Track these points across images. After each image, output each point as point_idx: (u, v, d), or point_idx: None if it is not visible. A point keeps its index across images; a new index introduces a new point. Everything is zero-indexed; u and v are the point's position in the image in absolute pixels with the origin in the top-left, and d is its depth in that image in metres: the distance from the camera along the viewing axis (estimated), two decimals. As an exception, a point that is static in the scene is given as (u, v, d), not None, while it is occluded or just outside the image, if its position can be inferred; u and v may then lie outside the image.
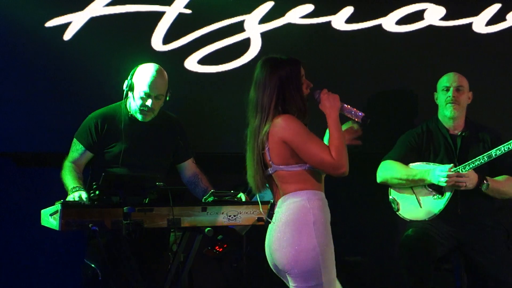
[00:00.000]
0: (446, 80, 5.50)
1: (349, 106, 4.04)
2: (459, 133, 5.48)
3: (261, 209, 4.40)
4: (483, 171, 5.28)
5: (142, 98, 5.00)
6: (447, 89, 5.48)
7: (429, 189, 5.39)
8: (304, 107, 3.90)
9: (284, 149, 3.85)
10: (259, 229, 4.79)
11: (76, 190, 4.72)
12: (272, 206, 3.99)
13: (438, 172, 5.23)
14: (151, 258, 4.99)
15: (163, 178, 5.10)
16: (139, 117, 5.04)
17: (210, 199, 4.70)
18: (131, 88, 5.03)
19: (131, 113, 5.07)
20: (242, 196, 4.89)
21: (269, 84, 3.90)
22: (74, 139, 5.10)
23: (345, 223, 6.01)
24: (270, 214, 3.97)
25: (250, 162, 3.99)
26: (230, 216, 4.68)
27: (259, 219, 4.75)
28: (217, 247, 5.44)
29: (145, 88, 4.98)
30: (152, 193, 4.55)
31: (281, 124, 3.83)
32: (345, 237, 5.97)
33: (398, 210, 5.42)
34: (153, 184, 4.55)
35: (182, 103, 5.76)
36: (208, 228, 4.61)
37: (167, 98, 5.09)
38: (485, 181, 5.25)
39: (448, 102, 5.46)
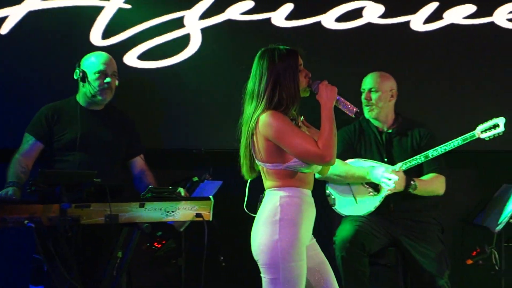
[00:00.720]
0: (362, 83, 5.59)
1: (344, 100, 4.04)
2: (387, 130, 5.58)
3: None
4: (411, 172, 5.39)
5: (99, 78, 5.12)
6: (362, 92, 5.58)
7: (366, 185, 5.46)
8: (298, 98, 3.92)
9: (265, 146, 3.89)
10: (197, 225, 4.80)
11: (9, 186, 4.68)
12: (260, 199, 4.05)
13: (381, 173, 5.31)
14: (91, 255, 4.96)
15: (118, 171, 5.11)
16: (99, 98, 5.14)
17: (148, 195, 4.68)
18: (83, 76, 5.06)
19: (89, 100, 5.16)
20: (181, 191, 4.88)
21: (266, 74, 3.92)
22: (25, 133, 5.11)
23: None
24: (259, 205, 4.05)
25: (242, 149, 4.06)
26: (168, 212, 4.67)
27: (198, 215, 4.75)
28: (156, 243, 5.42)
29: (101, 67, 5.13)
30: (90, 189, 4.52)
31: (265, 121, 3.86)
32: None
33: (334, 205, 5.49)
34: (90, 180, 4.52)
35: (121, 98, 5.73)
36: (146, 224, 4.59)
37: (117, 83, 5.14)
38: (412, 182, 5.34)
39: (364, 104, 5.55)
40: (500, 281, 5.61)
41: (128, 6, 5.79)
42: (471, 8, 5.99)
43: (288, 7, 5.91)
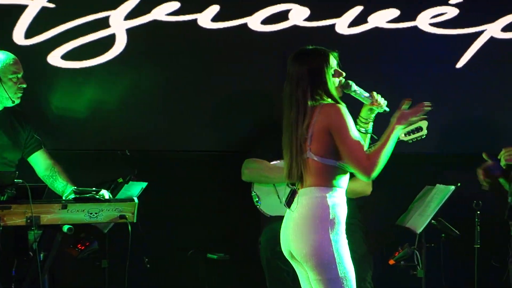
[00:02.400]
0: None
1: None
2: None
3: None
4: None
5: (15, 81, 4.96)
6: None
7: (291, 186, 5.47)
8: (334, 97, 3.96)
9: (325, 139, 3.90)
10: (121, 227, 4.77)
11: None
12: (294, 193, 4.03)
13: None
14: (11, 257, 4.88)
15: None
16: (16, 101, 4.97)
17: (71, 196, 4.63)
18: None
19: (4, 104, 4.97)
20: (105, 193, 4.84)
21: (300, 77, 3.95)
22: None
23: (210, 220, 6.06)
24: (290, 200, 4.03)
25: (287, 153, 4.05)
26: (91, 213, 4.62)
27: (122, 217, 4.71)
28: (79, 245, 5.36)
29: (16, 70, 4.96)
30: (10, 190, 4.44)
31: (337, 111, 3.88)
32: (210, 234, 6.01)
33: (260, 205, 5.51)
34: (11, 180, 4.44)
35: (44, 98, 5.66)
36: (69, 226, 4.54)
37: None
38: None
39: None
40: (421, 281, 5.70)
41: (52, 5, 5.72)
42: (395, 12, 6.08)
43: (214, 9, 5.91)
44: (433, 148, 6.06)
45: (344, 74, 4.10)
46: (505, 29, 6.13)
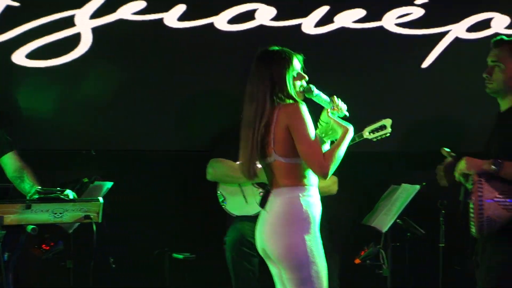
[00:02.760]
0: None
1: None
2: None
3: None
4: None
5: None
6: None
7: (256, 185, 5.49)
8: (294, 98, 4.01)
9: (287, 139, 3.94)
10: (86, 227, 4.74)
11: None
12: (267, 194, 4.06)
13: None
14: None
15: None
16: None
17: (35, 196, 4.60)
18: None
19: None
20: (70, 193, 4.81)
21: (262, 77, 4.01)
22: None
23: (176, 219, 6.05)
24: (263, 201, 4.07)
25: (244, 151, 4.08)
26: (56, 213, 4.59)
27: (86, 217, 4.68)
28: (44, 245, 5.33)
29: None
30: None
31: (288, 111, 3.94)
32: (175, 234, 6.00)
33: (225, 205, 5.51)
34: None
35: (9, 97, 5.62)
36: (33, 226, 4.50)
37: None
38: None
39: None
40: (386, 280, 5.73)
41: (17, 4, 5.68)
42: (361, 13, 6.11)
43: (181, 8, 5.90)
44: (398, 147, 6.10)
45: (306, 78, 4.13)
46: (470, 29, 6.18)
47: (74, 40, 5.77)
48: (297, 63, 4.09)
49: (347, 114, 4.19)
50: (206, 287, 6.07)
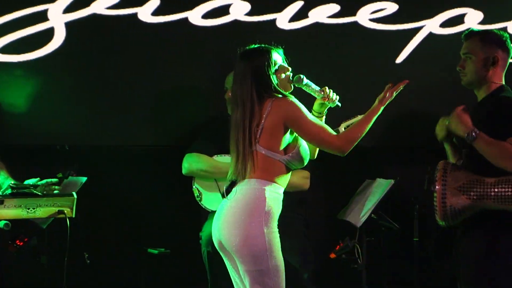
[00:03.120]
0: (226, 82, 5.63)
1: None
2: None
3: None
4: None
5: None
6: (226, 90, 5.63)
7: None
8: (281, 92, 4.05)
9: (276, 133, 4.00)
10: (60, 222, 4.72)
11: None
12: (233, 183, 4.08)
13: None
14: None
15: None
16: None
17: (8, 191, 4.57)
18: None
19: None
20: (44, 188, 4.78)
21: (243, 76, 4.06)
22: None
23: (151, 214, 6.04)
24: (227, 192, 4.09)
25: (233, 151, 4.09)
26: (29, 209, 4.56)
27: (60, 212, 4.66)
28: (18, 241, 5.30)
29: None
30: None
31: (282, 106, 3.99)
32: (151, 229, 5.99)
33: (200, 200, 5.51)
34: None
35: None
36: (6, 222, 4.48)
37: None
38: None
39: (228, 102, 5.60)
40: (361, 274, 5.75)
41: (-11, -2, 5.65)
42: (335, 8, 6.11)
43: (155, 3, 5.88)
44: (373, 141, 6.09)
45: (290, 69, 4.16)
46: (444, 25, 6.20)
47: (48, 34, 5.73)
48: (277, 56, 4.13)
49: (339, 104, 4.22)
50: (181, 282, 6.07)
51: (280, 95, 4.05)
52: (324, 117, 4.32)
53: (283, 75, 4.14)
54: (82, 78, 5.85)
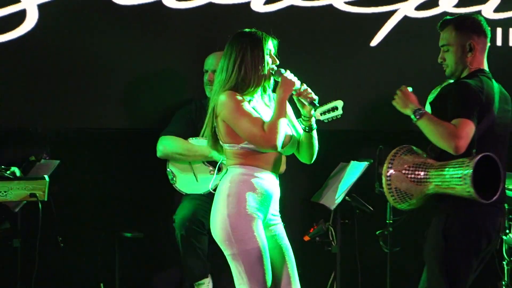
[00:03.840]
0: (204, 64, 5.62)
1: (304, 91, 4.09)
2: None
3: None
4: None
5: None
6: (205, 73, 5.61)
7: (207, 164, 5.49)
8: (258, 82, 4.01)
9: (223, 127, 3.99)
10: (34, 205, 4.71)
11: None
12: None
13: None
14: None
15: None
16: None
17: (-21, 175, 4.56)
18: None
19: None
20: (16, 171, 4.77)
21: (231, 56, 4.00)
22: None
23: (125, 197, 6.02)
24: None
25: (206, 128, 4.11)
26: (0, 192, 4.55)
27: (32, 195, 4.65)
28: (-10, 225, 5.29)
29: None
30: None
31: (221, 102, 3.97)
32: (124, 212, 5.97)
33: (175, 183, 5.51)
34: None
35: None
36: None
37: None
38: None
39: (206, 84, 5.59)
40: (335, 256, 5.77)
41: (-40, -20, 5.59)
42: (310, -10, 6.11)
43: (128, -15, 5.85)
44: (348, 125, 6.11)
45: (277, 62, 4.12)
46: (419, 8, 6.21)
47: (20, 16, 5.67)
48: (270, 45, 4.12)
49: (317, 104, 4.14)
50: (155, 266, 6.06)
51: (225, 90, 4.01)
52: (313, 118, 4.22)
53: (270, 65, 4.08)
54: (55, 60, 5.80)
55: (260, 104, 4.09)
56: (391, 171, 4.02)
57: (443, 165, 3.94)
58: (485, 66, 4.19)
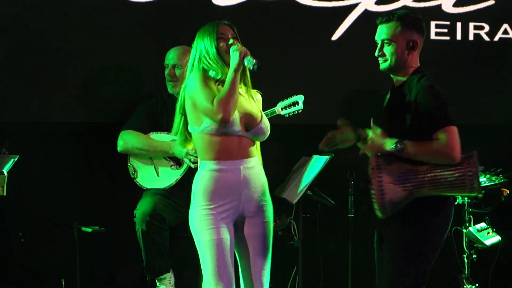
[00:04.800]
0: (165, 59, 5.59)
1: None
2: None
3: None
4: None
5: None
6: (166, 67, 5.59)
7: (168, 159, 5.47)
8: (217, 64, 4.15)
9: (190, 108, 4.13)
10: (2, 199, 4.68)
11: None
12: None
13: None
14: None
15: None
16: None
17: None
18: None
19: None
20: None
21: (192, 53, 4.23)
22: None
23: (85, 192, 5.98)
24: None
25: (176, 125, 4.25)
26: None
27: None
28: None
29: None
30: None
31: (188, 82, 4.15)
32: (85, 207, 5.93)
33: (136, 177, 5.48)
34: None
35: None
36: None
37: None
38: None
39: (167, 80, 5.57)
40: (298, 251, 5.78)
41: None
42: (271, -16, 6.11)
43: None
44: (309, 119, 6.12)
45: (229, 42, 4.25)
46: (379, 2, 6.24)
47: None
48: (223, 29, 4.27)
49: (250, 66, 4.22)
50: (116, 261, 6.03)
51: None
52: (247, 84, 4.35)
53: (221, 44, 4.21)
54: (10, 52, 5.73)
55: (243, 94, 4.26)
56: (383, 185, 4.00)
57: (432, 168, 3.96)
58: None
